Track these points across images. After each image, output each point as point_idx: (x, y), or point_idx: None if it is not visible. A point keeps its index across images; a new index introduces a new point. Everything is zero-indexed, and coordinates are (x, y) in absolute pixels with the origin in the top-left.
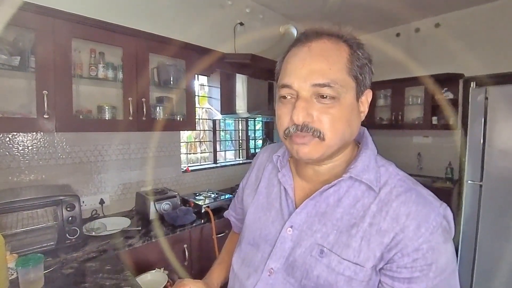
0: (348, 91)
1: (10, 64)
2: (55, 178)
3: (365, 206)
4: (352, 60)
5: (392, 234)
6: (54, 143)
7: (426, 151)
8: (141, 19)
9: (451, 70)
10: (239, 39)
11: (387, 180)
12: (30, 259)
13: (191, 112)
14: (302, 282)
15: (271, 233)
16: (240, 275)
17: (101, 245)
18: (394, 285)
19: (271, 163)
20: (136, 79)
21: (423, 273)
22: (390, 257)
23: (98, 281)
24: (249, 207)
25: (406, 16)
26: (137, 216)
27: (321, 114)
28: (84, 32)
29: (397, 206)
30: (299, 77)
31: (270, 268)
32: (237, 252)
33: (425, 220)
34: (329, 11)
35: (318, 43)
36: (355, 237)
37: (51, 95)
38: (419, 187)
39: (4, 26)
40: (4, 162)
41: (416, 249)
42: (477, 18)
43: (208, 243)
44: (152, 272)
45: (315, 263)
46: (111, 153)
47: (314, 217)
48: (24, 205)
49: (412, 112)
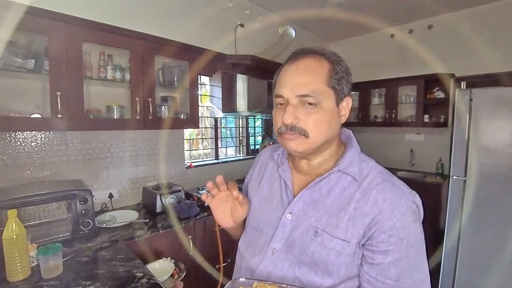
0: (327, 99)
1: (25, 67)
2: (68, 174)
3: (351, 194)
4: (331, 74)
5: (372, 216)
6: (66, 141)
7: (418, 148)
8: (147, 22)
9: (443, 70)
10: (240, 40)
11: (368, 172)
12: (50, 248)
13: (194, 111)
14: (299, 258)
15: (273, 219)
16: (246, 256)
17: (112, 236)
18: (374, 257)
19: (272, 161)
20: (142, 79)
21: (396, 246)
22: (371, 234)
23: (111, 268)
24: (254, 198)
25: (400, 18)
26: (144, 209)
27: (306, 117)
28: (93, 36)
29: (376, 193)
30: (288, 89)
31: (273, 248)
32: (243, 237)
33: (397, 204)
34: (325, 13)
35: (304, 60)
36: (343, 219)
37: (64, 96)
38: (394, 178)
39: (19, 31)
40: (20, 158)
41: (391, 227)
42: (468, 20)
43: (211, 234)
44: (160, 261)
45: (311, 241)
46: (119, 150)
47: (309, 204)
48: (41, 199)
49: (405, 110)
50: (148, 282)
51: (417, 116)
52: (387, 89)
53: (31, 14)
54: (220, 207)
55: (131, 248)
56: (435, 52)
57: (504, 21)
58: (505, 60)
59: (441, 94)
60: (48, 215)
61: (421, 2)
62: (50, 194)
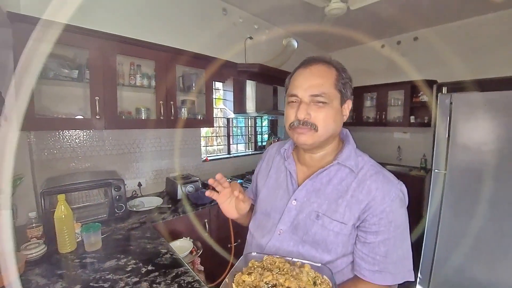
0: (334, 100)
1: (70, 76)
2: (104, 166)
3: (348, 184)
4: (338, 79)
5: (366, 202)
6: (103, 138)
7: (404, 145)
8: (169, 36)
9: (426, 77)
10: (249, 50)
11: (363, 165)
12: (91, 226)
13: (210, 112)
14: (303, 238)
15: (279, 205)
16: (256, 235)
17: (141, 218)
18: (366, 237)
19: (279, 155)
20: (165, 85)
21: (386, 227)
22: (364, 217)
23: (141, 245)
24: (262, 188)
25: (390, 30)
26: (167, 196)
27: (316, 113)
28: (125, 49)
29: (370, 183)
30: (302, 89)
31: (280, 229)
32: (253, 220)
33: (388, 192)
34: (323, 27)
35: (316, 66)
36: (341, 205)
37: (101, 100)
38: (384, 170)
39: (66, 47)
40: (66, 152)
41: (381, 211)
42: (449, 33)
43: (224, 218)
44: (180, 240)
45: (313, 224)
46: (146, 146)
47: (312, 192)
48: (84, 186)
49: (393, 112)
50: (171, 257)
51: (404, 117)
52: (378, 93)
53: (76, 33)
54: (226, 202)
55: (156, 229)
56: (420, 61)
57: (475, 36)
58: (477, 69)
59: (425, 98)
60: (89, 200)
61: (405, 18)
62: (91, 182)
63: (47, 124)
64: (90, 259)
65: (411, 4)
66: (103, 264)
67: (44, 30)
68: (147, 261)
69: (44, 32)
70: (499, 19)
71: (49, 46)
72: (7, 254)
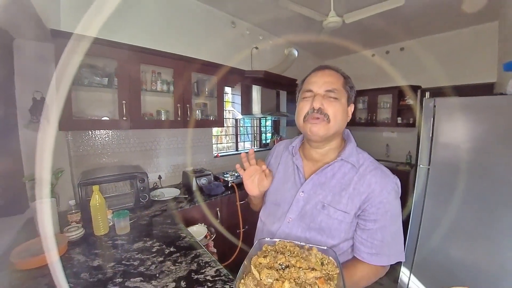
0: (343, 97)
1: (101, 83)
2: (129, 160)
3: (350, 178)
4: (346, 83)
5: (366, 194)
6: (128, 137)
7: (392, 143)
8: (185, 46)
9: (412, 82)
10: (255, 59)
11: (363, 162)
12: (121, 213)
13: (221, 114)
14: (310, 225)
15: (288, 197)
16: (267, 223)
17: (162, 206)
18: (366, 224)
19: (287, 151)
20: (182, 90)
21: (383, 216)
22: (364, 207)
23: (163, 229)
24: (272, 180)
25: (379, 41)
26: (184, 187)
27: (329, 105)
28: (148, 59)
29: (370, 177)
30: (317, 85)
31: (289, 218)
32: (263, 209)
33: (385, 186)
34: (321, 38)
35: (328, 70)
36: (344, 197)
37: (127, 103)
38: (382, 166)
39: (98, 58)
40: (98, 149)
41: (379, 202)
42: (431, 44)
43: (233, 207)
44: (196, 226)
45: (319, 213)
46: (165, 143)
47: (317, 185)
48: (113, 178)
49: (382, 113)
50: (190, 241)
51: (392, 118)
52: (369, 97)
53: (106, 45)
54: (250, 179)
55: (176, 216)
56: (406, 69)
57: (453, 47)
58: (455, 76)
59: (411, 101)
60: (118, 190)
61: (393, 31)
62: (119, 175)
63: (82, 125)
64: (120, 241)
65: (398, 18)
66: (132, 245)
67: (79, 44)
68: (169, 243)
69: (79, 46)
70: (474, 33)
71: (84, 58)
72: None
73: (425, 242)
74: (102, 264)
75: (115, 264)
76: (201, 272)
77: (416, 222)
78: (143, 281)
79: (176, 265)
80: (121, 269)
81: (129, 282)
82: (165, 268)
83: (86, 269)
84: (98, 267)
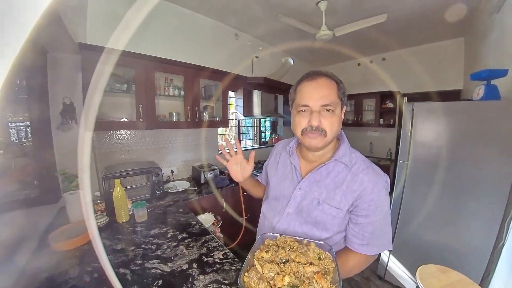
0: (338, 107)
1: (121, 89)
2: (145, 157)
3: (343, 177)
4: (339, 89)
5: (358, 192)
6: (144, 136)
7: (375, 141)
8: (194, 55)
9: (393, 88)
10: (255, 66)
11: (356, 161)
12: (139, 203)
13: (225, 115)
14: (306, 219)
15: (287, 193)
16: (268, 216)
17: (174, 197)
18: (358, 219)
19: (285, 151)
20: (191, 95)
21: (373, 212)
22: (357, 204)
23: (176, 217)
24: (272, 177)
25: (363, 52)
26: (193, 181)
27: (325, 120)
28: (161, 67)
29: (362, 176)
30: (313, 100)
31: (287, 212)
32: (265, 204)
33: (376, 184)
34: (313, 49)
35: (320, 79)
36: (338, 194)
37: (144, 107)
38: (373, 165)
39: (118, 67)
40: (118, 147)
41: (371, 199)
42: (409, 55)
43: (237, 198)
44: (205, 214)
45: (314, 209)
46: (176, 142)
47: (313, 183)
48: (132, 172)
49: (367, 115)
50: (200, 228)
51: (375, 120)
52: (355, 100)
53: (126, 56)
54: (233, 167)
55: (186, 206)
56: (387, 76)
57: (429, 58)
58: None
59: (391, 105)
60: (136, 183)
61: (377, 43)
62: (137, 170)
63: (105, 126)
64: (139, 228)
65: (381, 32)
66: (149, 231)
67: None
68: (182, 230)
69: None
70: (447, 46)
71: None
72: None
73: (404, 227)
74: (125, 247)
75: (135, 248)
76: (210, 255)
77: (396, 210)
78: (160, 262)
79: (189, 249)
80: (140, 252)
81: (148, 263)
82: (179, 252)
83: (111, 252)
84: (121, 250)
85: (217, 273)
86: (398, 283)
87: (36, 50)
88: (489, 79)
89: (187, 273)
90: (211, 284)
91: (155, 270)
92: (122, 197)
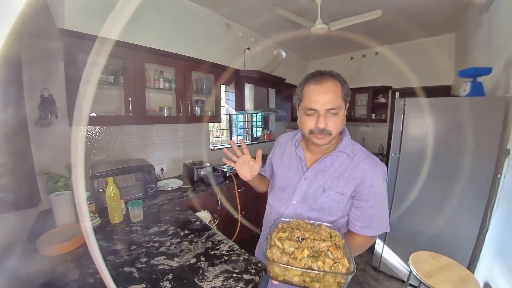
0: (342, 108)
1: (107, 81)
2: (134, 154)
3: (346, 166)
4: (343, 90)
5: (360, 178)
6: (132, 132)
7: (367, 136)
8: (185, 47)
9: (385, 83)
10: (247, 59)
11: (357, 152)
12: (135, 202)
13: (218, 110)
14: (312, 206)
15: (293, 183)
16: (275, 206)
17: (168, 195)
18: (359, 203)
19: (290, 143)
20: (183, 88)
21: (373, 197)
22: (358, 189)
23: (174, 215)
24: (278, 168)
25: (357, 46)
26: (185, 179)
27: (330, 122)
28: (151, 58)
29: (363, 165)
30: (320, 104)
31: (294, 200)
32: (271, 194)
33: (375, 172)
34: (307, 42)
35: (326, 83)
36: (341, 181)
37: (133, 100)
38: (372, 155)
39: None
40: (104, 144)
41: (371, 185)
42: (401, 50)
43: (232, 195)
44: (201, 212)
45: (320, 196)
46: (167, 138)
47: (318, 172)
48: (124, 170)
49: (359, 110)
50: (201, 224)
51: (367, 115)
52: None
53: (113, 45)
54: (242, 167)
55: (183, 204)
56: (380, 71)
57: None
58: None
59: (383, 100)
60: (127, 182)
61: (370, 37)
62: (128, 168)
63: (90, 121)
64: (136, 227)
65: (374, 27)
66: (148, 230)
67: (87, 43)
68: (182, 227)
69: (86, 45)
70: (438, 42)
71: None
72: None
73: (396, 217)
74: (125, 247)
75: (137, 247)
76: (216, 249)
77: (389, 202)
78: (166, 258)
79: (193, 244)
80: (143, 250)
81: (154, 260)
82: (184, 247)
83: (111, 252)
84: (121, 250)
85: (226, 263)
86: (392, 273)
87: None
88: (475, 76)
89: (196, 266)
90: (221, 274)
91: (163, 266)
92: (116, 197)
